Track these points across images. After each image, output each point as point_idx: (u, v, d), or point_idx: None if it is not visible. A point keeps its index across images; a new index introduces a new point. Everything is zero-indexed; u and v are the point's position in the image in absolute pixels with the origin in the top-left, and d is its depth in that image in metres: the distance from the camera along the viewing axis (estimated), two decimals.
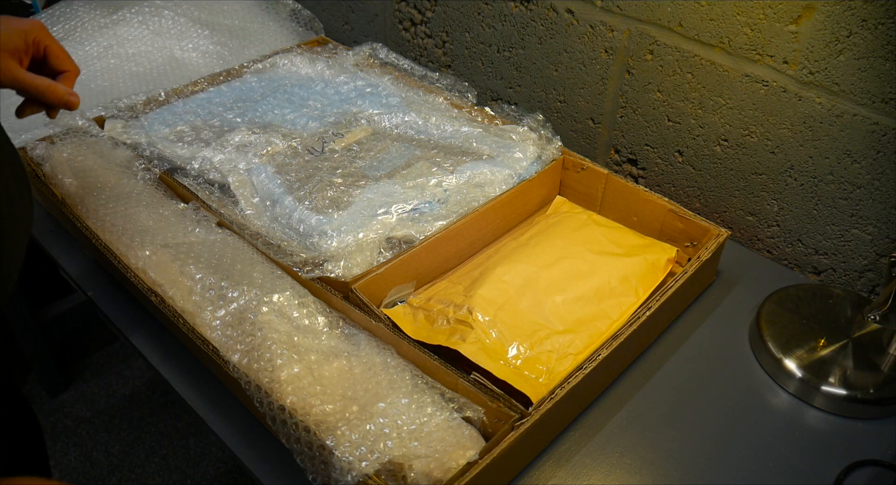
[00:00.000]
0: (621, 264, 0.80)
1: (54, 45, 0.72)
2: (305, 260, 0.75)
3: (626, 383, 0.75)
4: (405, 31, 1.26)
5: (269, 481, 0.65)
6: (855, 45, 0.75)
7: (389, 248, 0.78)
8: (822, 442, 0.70)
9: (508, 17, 1.07)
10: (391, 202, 0.82)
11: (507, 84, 1.14)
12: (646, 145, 1.00)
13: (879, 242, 0.83)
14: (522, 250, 0.82)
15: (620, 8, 0.92)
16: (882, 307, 0.75)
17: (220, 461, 1.51)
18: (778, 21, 0.79)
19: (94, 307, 0.84)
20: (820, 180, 0.84)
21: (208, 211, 0.83)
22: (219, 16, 1.25)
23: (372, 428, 0.60)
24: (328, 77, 1.08)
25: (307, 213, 0.80)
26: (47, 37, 0.71)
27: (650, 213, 0.88)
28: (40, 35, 0.70)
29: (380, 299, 0.76)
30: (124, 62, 1.13)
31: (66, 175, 0.87)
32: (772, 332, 0.78)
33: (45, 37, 0.71)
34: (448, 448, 0.60)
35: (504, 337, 0.71)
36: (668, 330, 0.81)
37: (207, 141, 0.92)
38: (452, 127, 0.96)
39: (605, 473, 0.67)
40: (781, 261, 0.93)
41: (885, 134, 0.77)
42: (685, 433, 0.70)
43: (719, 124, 0.90)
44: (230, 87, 1.05)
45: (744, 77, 0.85)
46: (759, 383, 0.76)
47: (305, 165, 0.89)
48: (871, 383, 0.73)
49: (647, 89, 0.95)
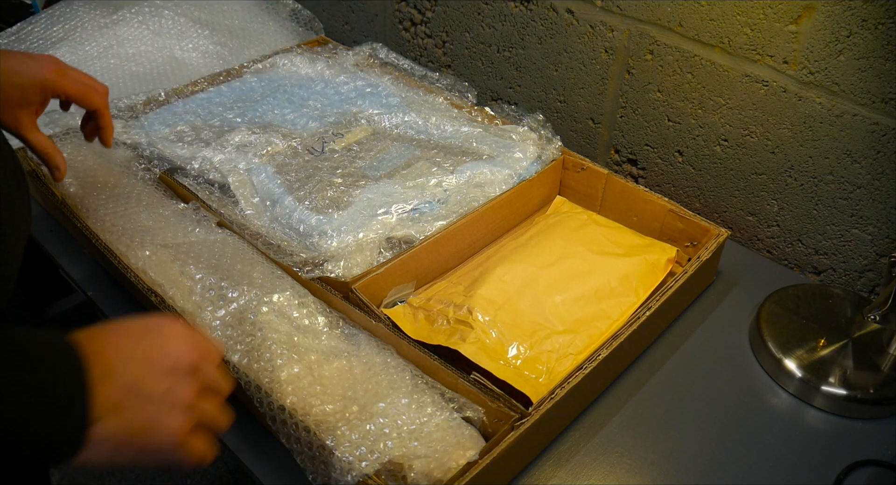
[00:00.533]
0: (621, 264, 0.80)
1: (73, 90, 0.72)
2: (305, 260, 0.75)
3: (626, 383, 0.75)
4: (405, 31, 1.26)
5: (269, 481, 0.65)
6: (855, 45, 0.75)
7: (389, 248, 0.78)
8: (822, 442, 0.70)
9: (508, 17, 1.07)
10: (391, 202, 0.82)
11: (507, 84, 1.14)
12: (646, 145, 1.00)
13: (879, 242, 0.83)
14: (522, 250, 0.82)
15: (620, 8, 0.92)
16: (882, 307, 0.75)
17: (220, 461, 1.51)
18: (778, 21, 0.79)
19: (94, 307, 0.84)
20: (820, 180, 0.84)
21: (208, 211, 0.83)
22: (219, 16, 1.25)
23: (372, 428, 0.60)
24: (328, 77, 1.08)
25: (307, 213, 0.80)
26: (66, 84, 0.71)
27: (650, 213, 0.88)
28: (58, 86, 0.70)
29: (380, 299, 0.76)
30: (124, 62, 1.13)
31: (66, 175, 0.86)
32: (772, 332, 0.78)
33: (63, 86, 0.71)
34: (448, 448, 0.60)
35: (504, 337, 0.71)
36: (668, 330, 0.81)
37: (207, 141, 0.92)
38: (452, 127, 0.96)
39: (605, 473, 0.67)
40: (781, 261, 0.93)
41: (885, 134, 0.77)
42: (685, 433, 0.70)
43: (719, 124, 0.90)
44: (230, 87, 1.05)
45: (744, 77, 0.85)
46: (759, 383, 0.76)
47: (305, 165, 0.89)
48: (871, 383, 0.73)
49: (647, 89, 0.95)
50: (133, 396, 0.42)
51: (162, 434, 0.44)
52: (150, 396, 0.43)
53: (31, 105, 0.70)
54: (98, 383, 0.41)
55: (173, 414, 0.44)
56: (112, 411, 0.41)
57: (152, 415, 0.43)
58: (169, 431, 0.44)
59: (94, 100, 0.74)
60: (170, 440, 0.44)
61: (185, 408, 0.45)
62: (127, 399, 0.42)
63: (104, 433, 0.41)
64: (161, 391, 0.44)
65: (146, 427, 0.43)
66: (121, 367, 0.43)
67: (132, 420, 0.42)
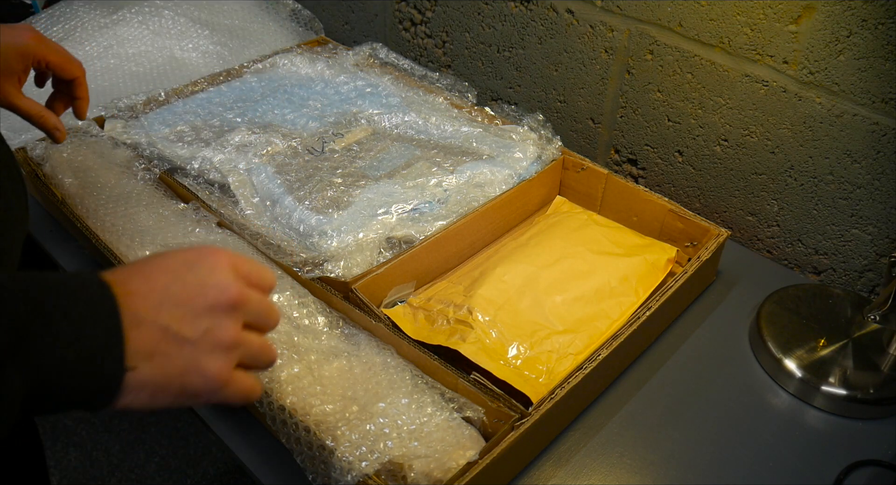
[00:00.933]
0: (621, 264, 0.80)
1: (54, 58, 0.71)
2: (305, 260, 0.75)
3: (626, 383, 0.75)
4: (405, 31, 1.26)
5: (269, 481, 0.65)
6: (855, 45, 0.75)
7: (389, 248, 0.78)
8: (822, 442, 0.70)
9: (508, 17, 1.07)
10: (391, 202, 0.82)
11: (507, 84, 1.14)
12: (646, 145, 1.00)
13: (879, 242, 0.83)
14: (522, 250, 0.82)
15: (620, 8, 0.92)
16: (882, 307, 0.75)
17: (220, 461, 1.51)
18: (778, 21, 0.79)
19: None
20: (820, 180, 0.84)
21: (208, 211, 0.83)
22: (219, 16, 1.25)
23: (372, 428, 0.60)
24: (328, 77, 1.08)
25: (307, 213, 0.80)
26: (45, 51, 0.70)
27: (650, 213, 0.88)
28: (38, 51, 0.70)
29: (380, 299, 0.76)
30: (124, 62, 1.13)
31: (66, 175, 0.87)
32: (772, 332, 0.78)
33: (43, 52, 0.70)
34: (448, 448, 0.60)
35: (504, 337, 0.71)
36: (668, 330, 0.81)
37: (207, 141, 0.92)
38: (452, 127, 0.96)
39: (605, 473, 0.67)
40: (781, 261, 0.93)
41: (885, 134, 0.77)
42: (685, 433, 0.70)
43: (719, 124, 0.90)
44: (230, 87, 1.05)
45: (744, 77, 0.85)
46: (759, 383, 0.76)
47: (305, 165, 0.89)
48: (871, 383, 0.73)
49: (647, 89, 0.95)
50: (168, 341, 0.40)
51: (201, 378, 0.42)
52: (187, 339, 0.41)
53: (14, 73, 0.69)
54: (130, 328, 0.39)
55: (213, 356, 0.42)
56: (146, 358, 0.39)
57: (190, 359, 0.41)
58: (209, 374, 0.42)
59: (74, 68, 0.73)
60: (210, 383, 0.42)
61: (227, 348, 0.43)
62: (161, 345, 0.40)
63: (139, 380, 0.39)
64: (199, 333, 0.41)
65: (184, 372, 0.41)
66: (154, 311, 0.40)
67: (168, 366, 0.40)
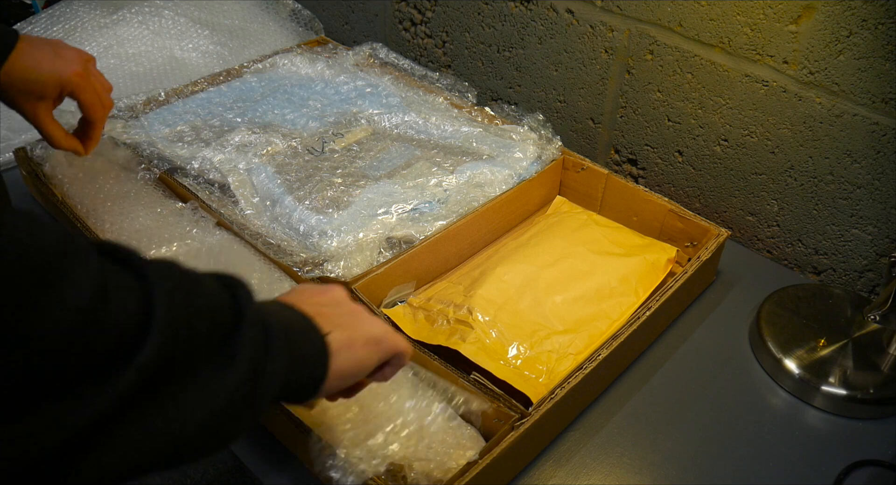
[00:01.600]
0: (621, 264, 0.80)
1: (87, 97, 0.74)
2: (305, 260, 0.75)
3: (626, 383, 0.75)
4: (405, 31, 1.26)
5: (269, 481, 0.65)
6: (855, 45, 0.75)
7: (389, 248, 0.78)
8: (822, 442, 0.70)
9: (508, 17, 1.07)
10: (391, 202, 0.82)
11: (507, 84, 1.14)
12: (646, 145, 1.00)
13: (879, 242, 0.83)
14: (522, 250, 0.82)
15: (620, 8, 0.92)
16: (882, 307, 0.75)
17: (220, 461, 1.51)
18: (778, 21, 0.79)
19: None
20: (820, 180, 0.84)
21: (208, 211, 0.83)
22: (219, 16, 1.25)
23: (372, 428, 0.60)
24: (328, 77, 1.08)
25: (307, 213, 0.80)
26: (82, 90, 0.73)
27: (650, 213, 0.88)
28: (77, 89, 0.73)
29: (380, 299, 0.76)
30: (124, 62, 1.13)
31: (66, 175, 0.87)
32: (772, 332, 0.78)
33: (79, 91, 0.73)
34: (448, 448, 0.60)
35: (504, 337, 0.71)
36: (668, 330, 0.81)
37: (207, 141, 0.92)
38: (452, 127, 0.96)
39: (605, 473, 0.67)
40: (781, 261, 0.93)
41: (885, 134, 0.77)
42: (685, 433, 0.70)
43: (719, 124, 0.90)
44: (230, 87, 1.05)
45: (744, 77, 0.85)
46: (759, 382, 0.76)
47: (305, 165, 0.89)
48: (871, 383, 0.73)
49: (647, 89, 0.95)
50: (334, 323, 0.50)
51: (369, 324, 0.52)
52: (341, 321, 0.51)
53: (48, 99, 0.72)
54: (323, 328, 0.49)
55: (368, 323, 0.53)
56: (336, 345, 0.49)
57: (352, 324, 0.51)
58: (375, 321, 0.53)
59: (97, 114, 0.76)
60: (375, 333, 0.52)
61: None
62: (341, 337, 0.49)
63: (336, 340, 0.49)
64: (347, 312, 0.52)
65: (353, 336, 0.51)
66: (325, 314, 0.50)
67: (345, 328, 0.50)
